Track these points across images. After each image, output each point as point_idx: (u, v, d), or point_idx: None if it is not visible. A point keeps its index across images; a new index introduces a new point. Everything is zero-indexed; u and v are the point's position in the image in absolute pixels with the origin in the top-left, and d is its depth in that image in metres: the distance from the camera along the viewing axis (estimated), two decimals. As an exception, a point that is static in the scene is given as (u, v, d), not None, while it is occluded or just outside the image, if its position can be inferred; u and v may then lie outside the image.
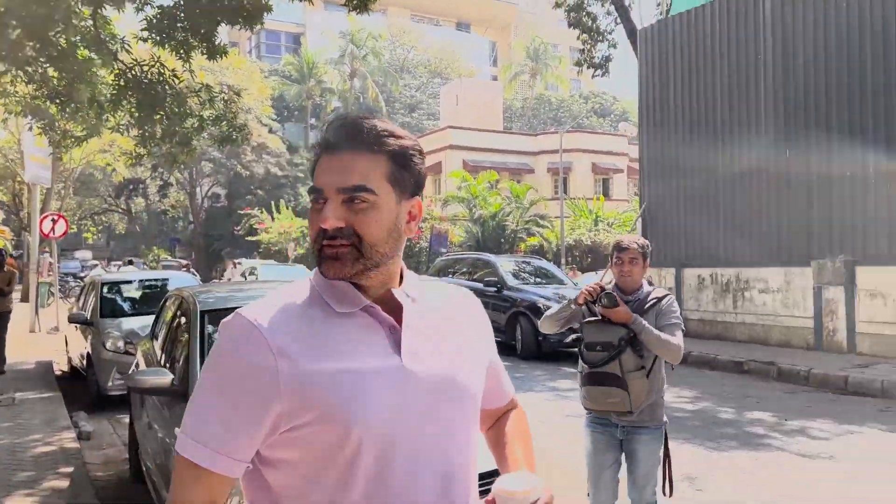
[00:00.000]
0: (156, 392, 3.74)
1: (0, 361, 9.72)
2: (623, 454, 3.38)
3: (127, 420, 7.43)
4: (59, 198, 30.11)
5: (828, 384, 8.87)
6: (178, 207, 50.34)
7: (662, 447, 3.33)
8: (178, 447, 1.13)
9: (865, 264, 10.48)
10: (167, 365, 4.64)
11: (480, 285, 13.26)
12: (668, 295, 3.40)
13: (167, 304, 5.40)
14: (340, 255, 1.13)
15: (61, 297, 19.95)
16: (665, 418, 3.37)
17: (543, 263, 15.05)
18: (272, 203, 36.75)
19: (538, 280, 13.52)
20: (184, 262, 30.73)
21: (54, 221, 14.98)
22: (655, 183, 14.51)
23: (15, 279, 10.10)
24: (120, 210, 49.14)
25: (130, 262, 28.31)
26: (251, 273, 20.24)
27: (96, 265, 34.64)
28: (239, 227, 39.16)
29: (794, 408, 7.71)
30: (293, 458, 1.12)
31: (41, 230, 14.92)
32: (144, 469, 4.71)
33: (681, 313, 3.40)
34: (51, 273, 18.86)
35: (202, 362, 3.82)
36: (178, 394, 3.72)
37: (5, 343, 9.85)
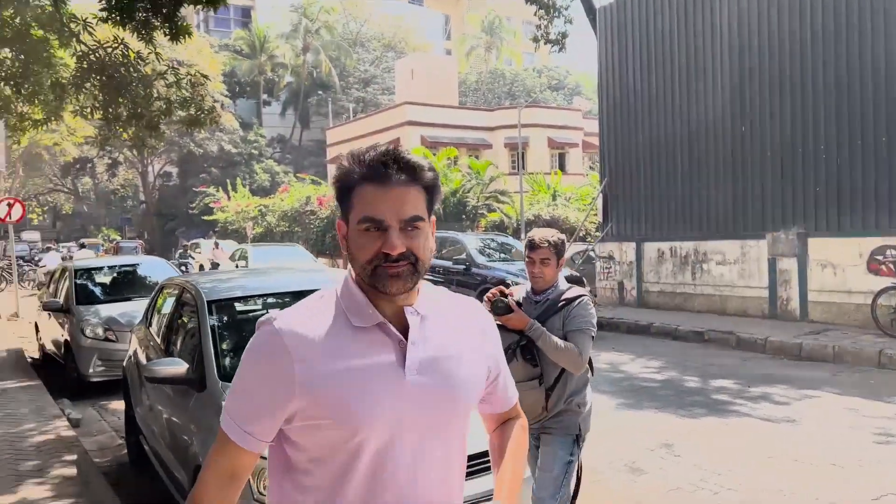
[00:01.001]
0: (172, 381, 3.87)
1: None
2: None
3: (111, 406, 7.52)
4: (5, 179, 29.09)
5: (784, 351, 9.41)
6: (127, 187, 49.06)
7: (567, 457, 3.09)
8: (220, 421, 1.38)
9: (817, 236, 11.06)
10: (168, 353, 4.76)
11: (449, 263, 13.51)
12: (580, 297, 3.13)
13: (163, 292, 5.47)
14: (402, 274, 1.32)
15: (20, 283, 19.45)
16: (581, 429, 3.15)
17: (509, 240, 15.36)
18: (227, 181, 36.17)
19: (504, 256, 13.81)
20: (140, 242, 30.03)
21: (10, 206, 14.60)
22: (615, 159, 14.90)
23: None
24: (66, 190, 47.68)
25: (83, 246, 27.63)
26: (241, 257, 18.58)
27: (49, 248, 33.67)
28: (194, 206, 38.47)
29: (755, 375, 8.19)
30: (305, 443, 1.34)
31: (-5, 215, 14.52)
32: (150, 452, 4.83)
33: (594, 317, 3.14)
34: (6, 257, 18.36)
35: (216, 351, 3.97)
36: (194, 382, 3.86)
37: None
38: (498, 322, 2.93)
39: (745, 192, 12.21)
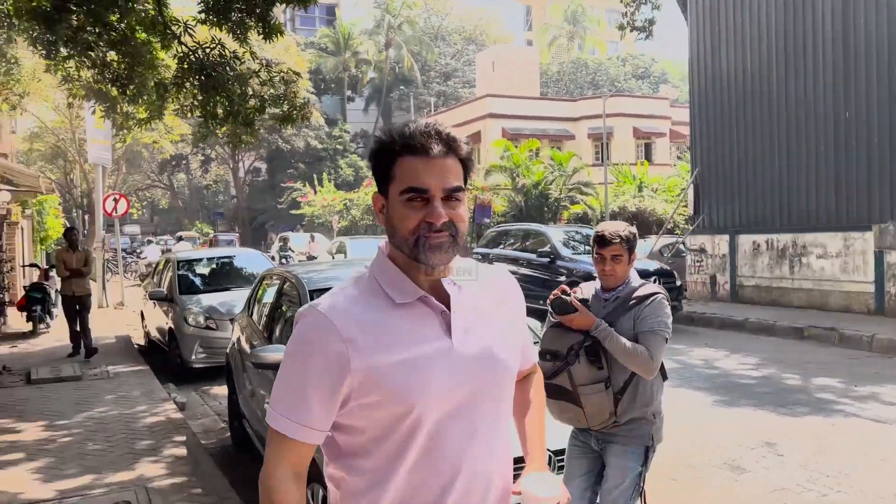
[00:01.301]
0: (277, 367, 4.01)
1: (89, 349, 9.23)
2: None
3: (213, 391, 7.88)
4: (110, 175, 30.86)
5: (893, 349, 8.87)
6: (219, 182, 51.16)
7: (638, 469, 2.85)
8: (268, 420, 1.36)
9: (929, 227, 10.37)
10: (271, 340, 4.94)
11: (533, 256, 13.41)
12: (654, 295, 2.86)
13: (264, 282, 5.68)
14: (444, 245, 1.33)
15: (124, 274, 20.64)
16: (653, 440, 2.89)
17: (592, 232, 15.11)
18: (314, 176, 37.14)
19: (588, 249, 13.60)
20: (236, 235, 31.13)
21: (116, 200, 15.49)
22: (707, 148, 14.40)
23: (91, 259, 10.12)
24: (163, 185, 50.13)
25: (181, 239, 29.00)
26: (339, 250, 19.06)
27: (150, 241, 35.57)
28: (282, 201, 39.73)
29: (861, 373, 7.76)
30: (359, 425, 1.34)
31: (104, 209, 15.44)
32: (252, 435, 5.04)
33: (669, 317, 2.86)
34: (111, 249, 19.52)
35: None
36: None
37: (89, 328, 9.36)
38: (560, 321, 2.84)
39: (848, 182, 11.56)
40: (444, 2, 53.77)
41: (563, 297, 2.83)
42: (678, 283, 11.89)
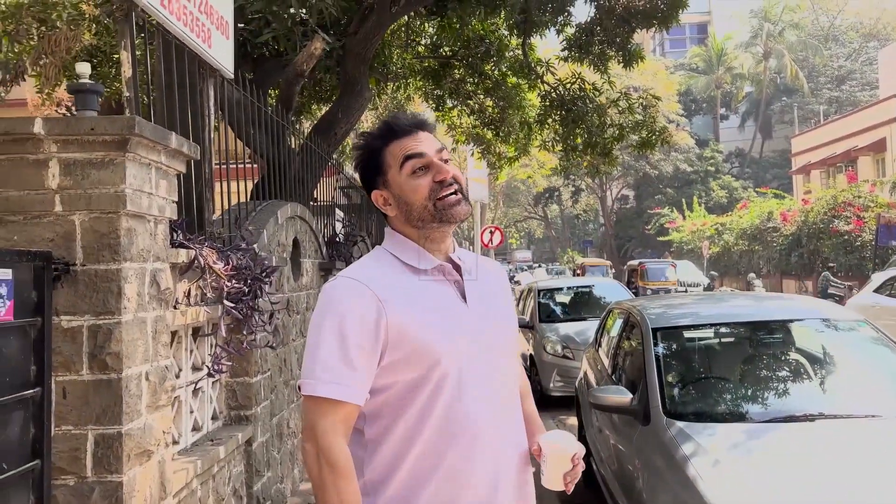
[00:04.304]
0: (616, 410, 3.78)
1: None
2: None
3: (568, 421, 7.91)
4: (491, 210, 34.02)
5: None
6: (588, 211, 52.71)
7: None
8: (306, 391, 1.40)
9: None
10: (613, 378, 4.71)
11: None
12: None
13: (611, 314, 5.49)
14: (460, 200, 1.48)
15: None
16: None
17: None
18: (683, 201, 35.84)
19: None
20: (608, 263, 31.51)
21: (492, 233, 16.91)
22: None
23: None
24: (538, 217, 53.52)
25: (539, 266, 30.24)
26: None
27: (526, 268, 38.29)
28: (649, 227, 39.15)
29: None
30: (389, 382, 1.44)
31: (482, 240, 16.97)
32: (597, 474, 4.84)
33: None
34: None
35: (660, 382, 3.73)
36: (638, 414, 3.69)
37: None
38: None
39: None
40: (835, -2, 47.65)
41: None
42: None
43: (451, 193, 1.46)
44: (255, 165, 6.02)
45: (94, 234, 2.22)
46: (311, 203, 6.19)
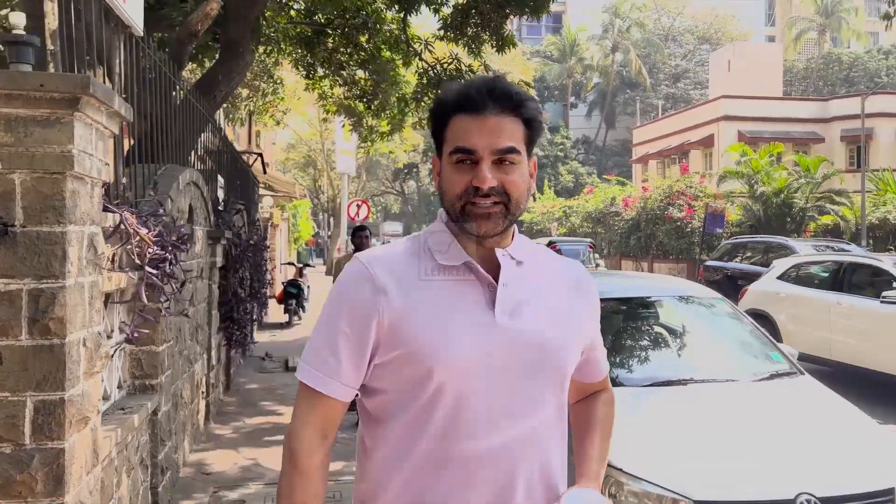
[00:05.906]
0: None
1: None
2: None
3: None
4: (352, 182, 33.80)
5: None
6: (445, 188, 53.70)
7: None
8: (297, 375, 1.31)
9: None
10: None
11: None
12: None
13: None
14: (492, 214, 1.24)
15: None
16: None
17: (853, 248, 13.48)
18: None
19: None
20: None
21: (359, 206, 16.92)
22: None
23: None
24: (395, 192, 53.80)
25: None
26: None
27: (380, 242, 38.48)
28: (503, 207, 40.58)
29: None
30: (384, 387, 1.28)
31: (348, 213, 16.93)
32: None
33: None
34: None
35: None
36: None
37: None
38: None
39: None
40: (676, 1, 51.48)
41: None
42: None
43: (488, 205, 1.23)
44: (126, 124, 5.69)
45: (36, 195, 2.13)
46: (200, 168, 5.97)
